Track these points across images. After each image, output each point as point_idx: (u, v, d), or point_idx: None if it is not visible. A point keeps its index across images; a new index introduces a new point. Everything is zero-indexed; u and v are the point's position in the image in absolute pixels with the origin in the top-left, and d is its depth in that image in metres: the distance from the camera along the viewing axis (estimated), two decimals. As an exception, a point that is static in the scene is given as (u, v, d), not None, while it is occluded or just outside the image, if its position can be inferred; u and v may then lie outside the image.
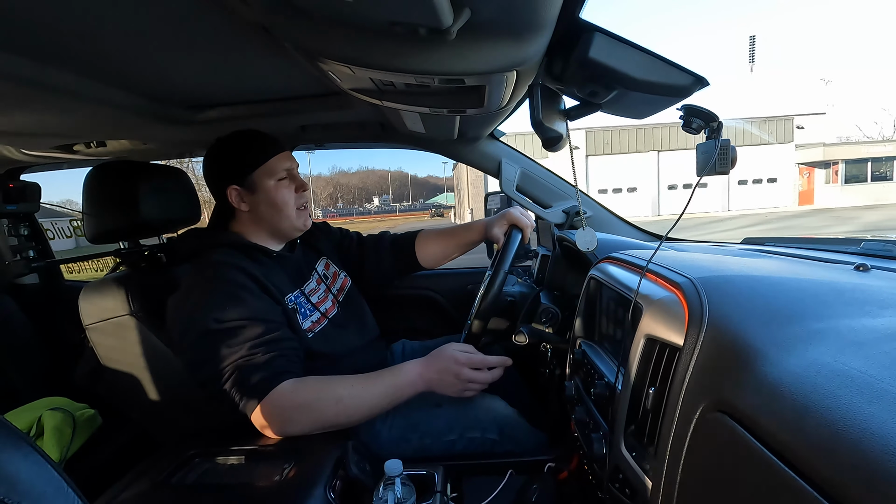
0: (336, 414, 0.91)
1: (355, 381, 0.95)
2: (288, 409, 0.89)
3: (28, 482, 0.41)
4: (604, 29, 0.66)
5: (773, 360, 0.44)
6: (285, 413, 0.89)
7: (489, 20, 0.58)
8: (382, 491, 0.72)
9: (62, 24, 0.67)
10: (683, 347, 0.55)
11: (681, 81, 0.71)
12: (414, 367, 0.98)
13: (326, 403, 0.91)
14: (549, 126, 0.81)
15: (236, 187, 1.05)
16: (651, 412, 0.61)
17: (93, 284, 1.18)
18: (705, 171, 0.70)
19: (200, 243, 1.07)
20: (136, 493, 0.80)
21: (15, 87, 0.83)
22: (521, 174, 1.48)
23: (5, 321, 1.67)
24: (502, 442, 1.05)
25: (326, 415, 0.91)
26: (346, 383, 0.94)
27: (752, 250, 0.97)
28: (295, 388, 0.90)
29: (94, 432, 1.44)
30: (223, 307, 0.92)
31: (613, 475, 0.68)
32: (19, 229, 1.78)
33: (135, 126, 1.20)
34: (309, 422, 0.91)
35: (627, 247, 1.05)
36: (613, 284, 0.84)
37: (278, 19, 0.63)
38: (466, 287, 1.78)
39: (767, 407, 0.41)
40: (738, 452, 0.42)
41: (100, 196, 1.22)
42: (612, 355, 0.85)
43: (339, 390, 0.92)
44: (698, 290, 0.58)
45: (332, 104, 1.17)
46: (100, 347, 1.18)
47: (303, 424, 0.91)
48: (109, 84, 0.93)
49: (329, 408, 0.91)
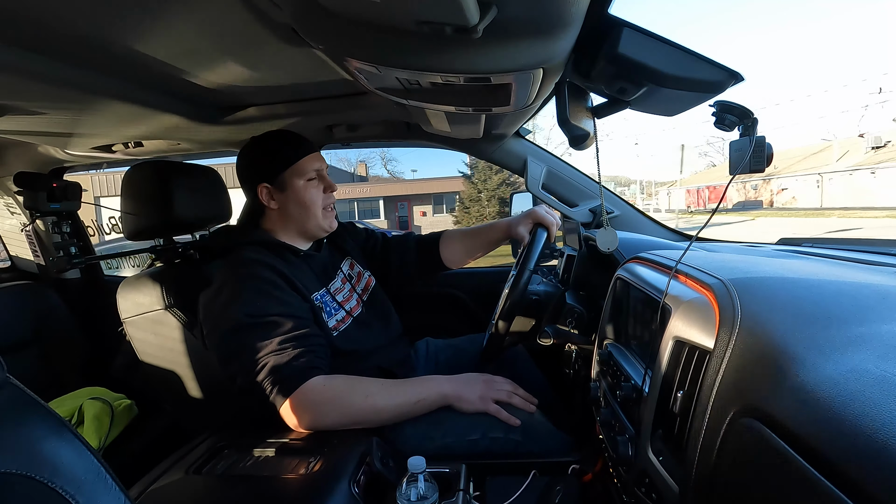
0: (365, 410, 0.93)
1: (386, 381, 0.99)
2: (318, 404, 0.91)
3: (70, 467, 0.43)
4: (633, 24, 0.65)
5: (809, 365, 0.43)
6: (315, 407, 0.91)
7: (516, 18, 0.57)
8: (405, 487, 0.73)
9: (105, 31, 0.70)
10: (714, 350, 0.54)
11: (714, 77, 0.69)
12: (442, 377, 1.03)
13: (356, 398, 0.93)
14: (575, 124, 0.80)
15: (267, 185, 1.08)
16: (679, 416, 0.59)
17: (130, 280, 1.23)
18: (739, 169, 0.68)
19: (231, 240, 1.10)
20: (169, 482, 0.83)
21: (62, 91, 0.88)
22: (548, 172, 1.46)
23: (50, 314, 1.76)
24: (526, 443, 1.04)
25: (355, 409, 0.93)
26: (376, 383, 0.97)
27: (788, 251, 0.93)
28: (326, 382, 0.92)
29: (131, 422, 1.50)
30: (254, 302, 0.94)
31: (639, 479, 0.67)
32: (62, 227, 1.86)
33: (170, 126, 1.24)
34: (338, 416, 0.92)
35: (656, 247, 1.03)
36: (641, 285, 0.82)
37: (307, 21, 0.64)
38: (491, 286, 1.78)
39: (802, 413, 0.39)
40: (770, 460, 0.41)
41: (136, 194, 1.27)
42: (638, 357, 0.84)
43: (369, 387, 0.95)
44: (730, 291, 0.57)
45: (358, 104, 1.19)
46: (136, 340, 1.22)
47: (332, 418, 0.92)
48: (147, 87, 0.97)
49: (358, 402, 0.93)
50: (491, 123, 1.29)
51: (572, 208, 1.45)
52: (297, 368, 0.91)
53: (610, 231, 0.95)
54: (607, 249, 0.95)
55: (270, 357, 0.91)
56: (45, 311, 1.75)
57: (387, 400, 0.95)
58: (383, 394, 0.95)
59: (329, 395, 0.92)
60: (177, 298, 1.19)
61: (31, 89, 0.87)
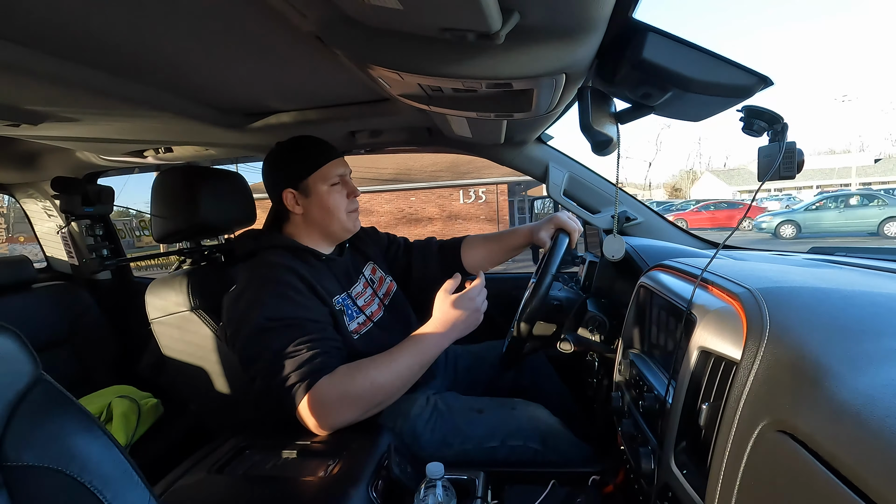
0: (373, 394, 0.93)
1: (381, 358, 0.97)
2: (328, 404, 0.91)
3: (98, 463, 0.45)
4: (658, 28, 0.64)
5: (842, 378, 0.41)
6: (326, 407, 0.91)
7: (538, 23, 0.57)
8: (423, 493, 0.73)
9: (138, 41, 0.73)
10: (741, 362, 0.52)
11: (742, 81, 0.68)
12: (429, 325, 1.02)
13: (362, 387, 0.92)
14: (598, 129, 0.79)
15: (292, 191, 1.10)
16: (704, 429, 0.58)
17: (158, 281, 1.26)
18: (768, 175, 0.67)
19: (255, 244, 1.12)
20: (192, 481, 0.85)
21: (96, 99, 0.91)
22: (569, 178, 1.45)
23: (82, 314, 1.82)
24: (545, 452, 1.03)
25: (365, 400, 0.93)
26: (373, 363, 0.95)
27: (820, 260, 0.90)
28: (330, 381, 0.92)
29: (156, 420, 1.53)
30: (273, 306, 0.96)
31: (662, 492, 0.66)
32: (95, 230, 1.93)
33: (198, 132, 1.28)
34: (349, 411, 0.92)
35: (680, 254, 1.01)
36: (665, 293, 0.80)
37: (332, 29, 0.65)
38: (511, 292, 1.76)
39: (834, 429, 0.38)
40: (799, 476, 0.39)
41: (165, 198, 1.31)
42: (662, 367, 0.82)
43: (369, 372, 0.94)
44: (758, 301, 0.55)
45: (380, 110, 1.20)
46: (162, 340, 1.26)
47: (344, 415, 0.92)
48: (177, 94, 1.00)
49: (365, 391, 0.92)
50: (513, 129, 1.29)
51: (594, 214, 1.43)
52: (308, 371, 0.91)
53: (617, 239, 0.93)
54: (612, 257, 0.94)
55: (286, 361, 0.92)
56: (78, 311, 1.81)
57: (393, 379, 0.95)
58: (386, 374, 0.94)
59: (335, 392, 0.91)
60: (202, 300, 1.22)
61: (67, 97, 0.91)
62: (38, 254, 2.12)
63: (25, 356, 0.44)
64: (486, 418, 1.06)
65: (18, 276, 1.68)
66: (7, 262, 1.67)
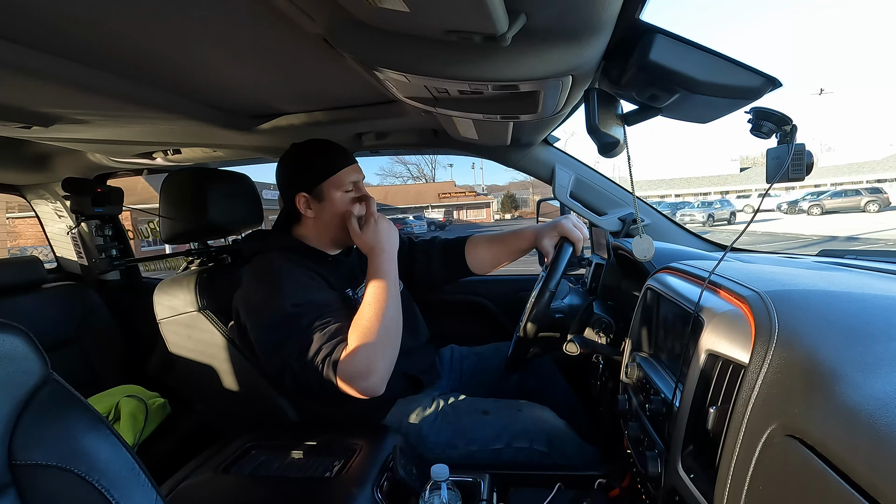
0: (385, 335, 0.96)
1: (361, 308, 0.99)
2: (358, 364, 0.93)
3: (106, 462, 0.45)
4: (665, 30, 0.64)
5: (852, 382, 0.40)
6: (359, 369, 0.92)
7: (545, 25, 0.57)
8: (428, 495, 0.73)
9: (148, 44, 0.74)
10: (749, 365, 0.52)
11: (750, 83, 0.67)
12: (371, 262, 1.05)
13: (370, 330, 0.95)
14: (605, 132, 0.79)
15: (305, 195, 1.10)
16: (712, 432, 0.57)
17: (166, 282, 1.27)
18: (777, 177, 0.66)
19: (263, 245, 1.13)
20: (199, 481, 0.85)
21: (107, 101, 0.92)
22: (576, 180, 1.44)
23: (91, 314, 1.84)
24: (551, 454, 1.02)
25: (380, 344, 0.95)
26: (361, 316, 0.98)
27: (829, 263, 0.89)
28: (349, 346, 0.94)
29: (163, 420, 1.54)
30: (296, 293, 0.98)
31: (669, 497, 0.65)
32: (105, 230, 1.95)
33: (206, 134, 1.29)
34: (376, 360, 0.94)
35: (688, 257, 1.00)
36: (672, 296, 0.80)
37: (339, 31, 0.65)
38: (517, 294, 1.76)
39: (844, 434, 0.37)
40: (808, 482, 0.39)
41: (174, 199, 1.32)
42: (669, 370, 0.81)
43: (361, 319, 0.97)
44: (767, 304, 0.55)
45: (387, 112, 1.21)
46: (170, 340, 1.26)
47: (374, 366, 0.94)
48: (186, 96, 1.01)
49: (377, 336, 0.95)
50: (519, 131, 1.29)
51: (601, 216, 1.42)
52: (339, 342, 0.94)
53: (645, 239, 0.92)
54: (643, 258, 0.93)
55: (314, 335, 0.94)
56: (87, 311, 1.82)
57: (379, 307, 0.98)
58: (374, 307, 0.98)
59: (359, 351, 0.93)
60: (210, 301, 1.23)
61: (78, 100, 0.92)
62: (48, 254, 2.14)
63: (35, 355, 0.45)
64: (491, 420, 1.06)
65: (29, 276, 1.70)
66: (18, 262, 1.70)
